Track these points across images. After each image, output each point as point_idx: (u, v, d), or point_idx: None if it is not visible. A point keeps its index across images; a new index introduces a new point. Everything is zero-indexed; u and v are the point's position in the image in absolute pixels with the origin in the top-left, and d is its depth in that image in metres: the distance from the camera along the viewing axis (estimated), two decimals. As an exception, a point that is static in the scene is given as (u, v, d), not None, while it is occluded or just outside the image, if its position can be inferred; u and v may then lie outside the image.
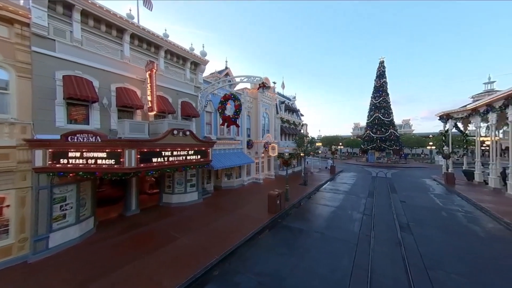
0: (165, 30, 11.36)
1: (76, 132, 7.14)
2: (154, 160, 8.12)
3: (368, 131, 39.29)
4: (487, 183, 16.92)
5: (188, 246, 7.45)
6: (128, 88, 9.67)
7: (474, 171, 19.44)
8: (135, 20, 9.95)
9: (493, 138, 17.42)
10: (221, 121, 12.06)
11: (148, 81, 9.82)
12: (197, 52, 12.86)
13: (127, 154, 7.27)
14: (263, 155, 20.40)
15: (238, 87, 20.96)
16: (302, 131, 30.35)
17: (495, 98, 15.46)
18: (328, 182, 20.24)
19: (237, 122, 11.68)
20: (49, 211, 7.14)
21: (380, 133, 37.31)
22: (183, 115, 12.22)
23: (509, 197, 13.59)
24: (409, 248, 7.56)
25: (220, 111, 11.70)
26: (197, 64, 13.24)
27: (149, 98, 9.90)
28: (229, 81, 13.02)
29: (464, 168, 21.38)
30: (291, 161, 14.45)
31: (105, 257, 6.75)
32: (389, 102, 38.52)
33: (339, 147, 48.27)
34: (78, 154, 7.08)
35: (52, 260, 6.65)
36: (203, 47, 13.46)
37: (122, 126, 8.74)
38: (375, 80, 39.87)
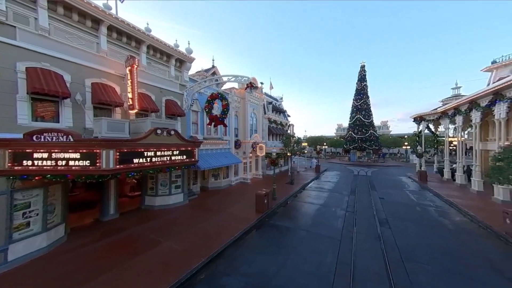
0: (147, 24, 10.72)
1: (43, 131, 6.41)
2: (136, 161, 7.60)
3: (350, 132, 41.07)
4: (454, 180, 18.52)
5: (173, 250, 7.08)
6: (106, 84, 8.95)
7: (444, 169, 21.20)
8: (113, 12, 9.22)
9: (459, 139, 19.16)
10: (208, 121, 11.71)
11: (129, 77, 9.18)
12: (182, 49, 12.37)
13: (105, 155, 6.70)
14: (251, 155, 20.29)
15: (225, 86, 20.61)
16: (289, 132, 30.78)
17: (461, 102, 16.98)
18: (314, 181, 20.72)
19: (225, 122, 11.44)
20: (8, 220, 6.31)
21: (361, 133, 39.20)
22: (168, 114, 11.67)
23: (473, 192, 14.99)
24: (387, 242, 7.94)
25: (207, 110, 11.37)
26: (182, 61, 12.74)
27: (129, 95, 9.26)
28: (216, 80, 12.69)
29: (437, 166, 23.23)
30: (279, 160, 14.56)
31: (77, 268, 6.13)
32: (369, 105, 40.61)
33: (323, 147, 49.83)
34: (45, 155, 6.34)
35: (11, 275, 5.87)
36: (189, 44, 12.98)
37: (99, 124, 8.04)
38: (356, 83, 41.78)
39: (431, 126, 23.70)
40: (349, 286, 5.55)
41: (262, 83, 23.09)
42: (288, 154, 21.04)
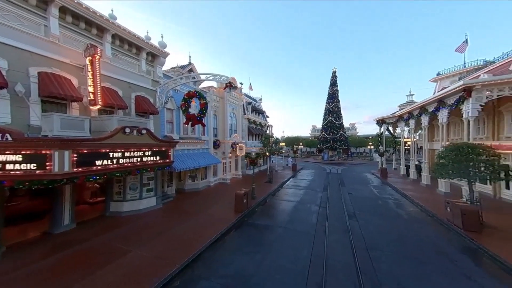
0: (112, 10, 9.56)
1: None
2: (99, 163, 6.71)
3: (323, 133, 43.67)
4: (409, 175, 21.08)
5: (143, 258, 6.41)
6: (59, 75, 7.68)
7: (400, 165, 23.98)
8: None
9: (412, 140, 21.93)
10: (184, 120, 11.00)
11: (89, 69, 8.04)
12: (155, 42, 11.39)
13: (58, 156, 5.76)
14: (230, 155, 19.91)
15: (203, 85, 19.82)
16: (267, 132, 31.18)
17: (413, 108, 19.41)
18: (291, 179, 21.35)
19: (203, 121, 10.91)
20: None
21: (333, 134, 42.01)
22: (139, 112, 10.63)
23: (422, 185, 17.26)
24: (355, 233, 8.55)
25: (183, 108, 10.70)
26: (155, 55, 11.74)
27: (90, 89, 8.11)
28: (194, 77, 12.07)
29: (394, 164, 26.16)
30: (258, 160, 14.58)
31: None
32: (340, 108, 43.76)
33: (300, 146, 51.96)
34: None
35: None
36: (162, 37, 12.01)
37: (50, 121, 6.86)
38: (329, 88, 44.60)
39: (390, 128, 26.62)
40: (322, 277, 5.75)
41: (241, 83, 22.90)
42: (267, 153, 21.31)
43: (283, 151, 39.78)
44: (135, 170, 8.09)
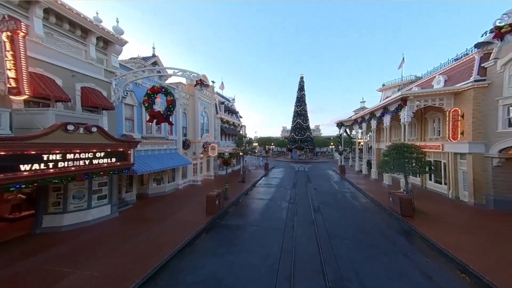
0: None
1: None
2: (25, 167, 5.35)
3: (292, 134, 46.04)
4: (362, 171, 23.96)
5: (92, 279, 5.37)
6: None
7: (359, 163, 27.06)
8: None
9: (364, 140, 25.04)
10: (148, 117, 9.78)
11: (8, 47, 6.23)
12: (107, 26, 9.60)
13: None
14: (201, 155, 18.87)
15: (171, 80, 18.24)
16: (241, 132, 30.96)
17: (364, 113, 22.13)
18: (263, 178, 21.66)
19: (170, 120, 9.92)
20: None
21: (301, 135, 44.68)
22: (87, 106, 8.87)
23: (372, 179, 19.82)
24: (319, 225, 9.15)
25: (146, 105, 9.48)
26: (108, 42, 9.99)
27: (11, 73, 6.30)
28: (159, 71, 10.88)
29: (351, 162, 29.36)
30: (231, 160, 14.21)
31: None
32: (307, 111, 46.82)
33: (271, 146, 53.44)
34: None
35: None
36: (118, 22, 10.36)
37: None
38: (297, 92, 47.24)
39: (347, 130, 29.81)
40: (290, 270, 5.90)
41: (213, 82, 22.03)
42: (241, 153, 21.07)
43: (256, 151, 40.21)
44: (82, 175, 6.75)
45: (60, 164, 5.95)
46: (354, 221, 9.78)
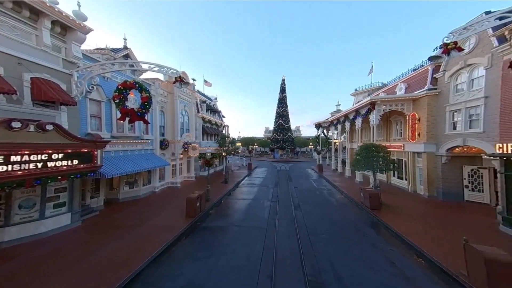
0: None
1: None
2: None
3: (274, 134, 46.97)
4: (337, 169, 25.52)
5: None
6: None
7: (335, 162, 28.72)
8: None
9: (339, 141, 26.74)
10: (119, 115, 8.90)
11: None
12: (67, 10, 8.34)
13: None
14: (181, 156, 18.02)
15: (146, 76, 17.03)
16: (224, 132, 30.45)
17: (339, 115, 23.62)
18: (246, 178, 21.63)
19: (145, 118, 9.20)
20: None
21: (282, 135, 45.84)
22: (39, 100, 7.50)
23: (346, 177, 21.25)
24: (299, 222, 9.48)
25: (117, 101, 8.56)
26: (67, 27, 8.61)
27: None
28: (132, 65, 9.98)
29: (328, 161, 31.05)
30: (213, 161, 13.79)
31: None
32: (288, 112, 48.18)
33: (254, 146, 53.72)
34: None
35: None
36: (79, 6, 8.90)
37: None
38: (279, 94, 48.34)
39: (325, 131, 31.49)
40: (272, 268, 5.99)
41: (194, 80, 21.20)
42: (224, 154, 20.68)
43: (240, 151, 39.95)
44: (32, 181, 5.84)
45: (1, 168, 5.05)
46: (331, 216, 10.37)
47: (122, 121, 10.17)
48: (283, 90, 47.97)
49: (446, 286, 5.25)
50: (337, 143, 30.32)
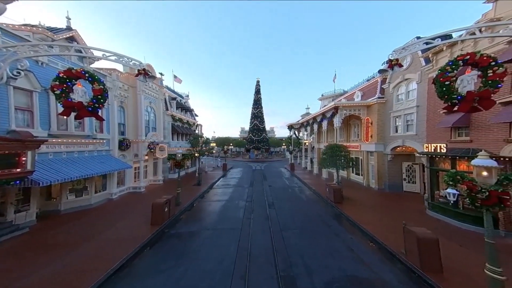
0: None
1: None
2: None
3: (250, 135, 47.30)
4: (306, 168, 27.31)
5: None
6: None
7: (306, 161, 30.55)
8: None
9: (309, 141, 28.66)
10: (61, 109, 7.15)
11: None
12: None
13: None
14: (146, 157, 16.36)
15: (100, 65, 14.81)
16: (197, 131, 29.00)
17: (308, 118, 25.35)
18: (221, 179, 21.11)
19: (99, 114, 7.72)
20: None
21: (258, 136, 46.54)
22: None
23: (314, 174, 22.92)
24: (273, 219, 9.77)
25: (58, 92, 6.84)
26: None
27: None
28: (80, 51, 8.32)
29: (298, 160, 32.94)
30: (185, 162, 12.79)
31: None
32: (263, 113, 49.17)
33: (230, 147, 52.95)
34: None
35: None
36: None
37: None
38: (254, 95, 48.88)
39: (296, 132, 33.32)
40: (246, 268, 5.98)
41: (162, 74, 19.38)
42: (196, 154, 19.66)
43: (214, 152, 38.74)
44: None
45: None
46: (301, 211, 11.02)
47: (66, 117, 8.30)
48: (258, 91, 48.68)
49: (391, 265, 6.19)
50: (307, 144, 32.47)
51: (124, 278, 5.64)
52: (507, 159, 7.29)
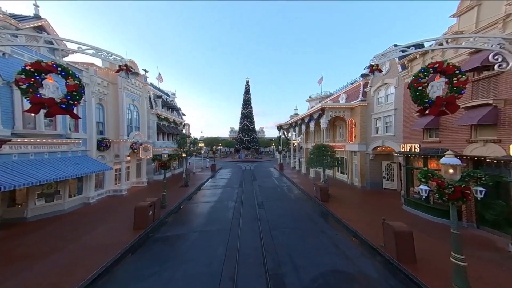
0: None
1: None
2: None
3: (240, 135, 47.11)
4: (295, 167, 27.88)
5: None
6: None
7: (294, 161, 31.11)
8: None
9: (297, 141, 29.31)
10: (29, 105, 6.41)
11: None
12: None
13: None
14: (129, 158, 15.57)
15: (74, 59, 13.80)
16: (184, 131, 28.21)
17: (297, 119, 25.91)
18: (210, 180, 20.75)
19: (75, 112, 7.09)
20: None
21: (247, 136, 46.50)
22: None
23: (302, 174, 23.48)
24: (262, 218, 9.84)
25: (24, 87, 6.12)
26: None
27: None
28: (51, 42, 7.64)
29: (287, 160, 33.54)
30: (171, 163, 12.27)
31: None
32: (253, 113, 49.27)
33: (219, 147, 52.26)
34: None
35: None
36: None
37: None
38: (243, 95, 48.81)
39: (285, 132, 33.87)
40: (234, 269, 5.96)
41: (146, 71, 18.44)
42: (183, 155, 19.08)
43: (202, 152, 37.94)
44: None
45: None
46: (290, 210, 11.24)
47: (33, 114, 7.59)
48: (247, 91, 48.67)
49: (371, 258, 6.57)
50: (295, 144, 33.16)
51: (104, 287, 5.30)
52: (469, 157, 8.12)
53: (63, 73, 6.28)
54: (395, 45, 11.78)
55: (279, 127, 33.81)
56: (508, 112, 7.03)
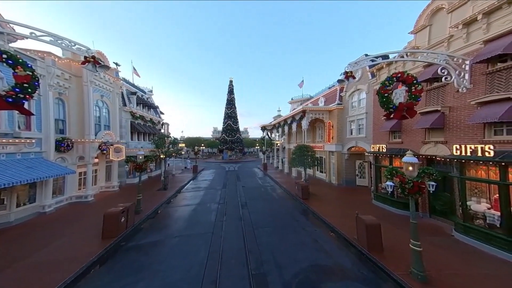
0: None
1: None
2: None
3: (223, 135, 46.32)
4: (278, 167, 28.50)
5: None
6: None
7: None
8: None
9: (280, 142, 30.02)
10: None
11: None
12: None
13: None
14: (97, 160, 14.19)
15: (26, 45, 12.15)
16: (162, 131, 26.68)
17: (280, 120, 26.54)
18: (191, 182, 20.01)
19: (26, 107, 6.13)
20: None
21: (231, 136, 45.98)
22: None
23: (285, 173, 24.12)
24: (245, 219, 9.85)
25: None
26: None
27: None
28: None
29: (271, 160, 34.09)
30: (147, 164, 11.41)
31: None
32: (237, 114, 48.92)
33: (201, 147, 50.65)
34: None
35: None
36: None
37: None
38: (227, 95, 48.19)
39: (269, 133, 34.42)
40: (217, 271, 5.85)
41: (117, 64, 16.63)
42: (162, 156, 18.02)
43: (183, 153, 36.38)
44: None
45: None
46: (273, 209, 11.46)
47: None
48: (231, 91, 48.16)
49: (346, 250, 7.09)
50: (279, 144, 33.92)
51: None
52: (423, 156, 9.35)
53: (11, 62, 5.38)
54: (366, 55, 12.91)
55: (263, 128, 34.22)
56: (452, 118, 8.28)
